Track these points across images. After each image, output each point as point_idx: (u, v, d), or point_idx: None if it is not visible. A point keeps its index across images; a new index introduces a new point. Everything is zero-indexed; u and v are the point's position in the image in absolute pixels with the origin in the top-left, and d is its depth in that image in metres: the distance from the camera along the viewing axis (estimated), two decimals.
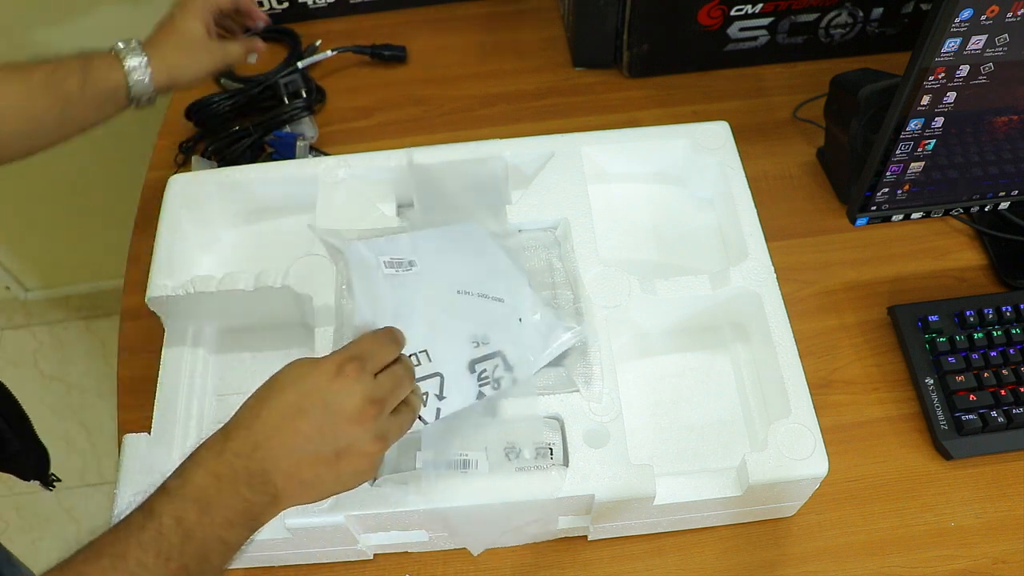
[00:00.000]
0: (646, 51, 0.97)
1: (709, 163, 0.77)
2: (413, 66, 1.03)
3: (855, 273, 0.83)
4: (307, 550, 0.66)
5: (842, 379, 0.76)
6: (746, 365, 0.72)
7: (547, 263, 0.73)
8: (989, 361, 0.74)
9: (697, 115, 0.96)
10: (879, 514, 0.69)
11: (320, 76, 1.01)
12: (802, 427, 0.62)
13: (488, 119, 0.97)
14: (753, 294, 0.69)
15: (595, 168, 0.79)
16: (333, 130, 0.97)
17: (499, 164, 0.76)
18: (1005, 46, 0.62)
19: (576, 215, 0.73)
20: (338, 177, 0.76)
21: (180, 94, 1.01)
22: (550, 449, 0.62)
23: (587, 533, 0.67)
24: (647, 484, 0.60)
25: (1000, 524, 0.69)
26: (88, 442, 1.52)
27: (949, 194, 0.75)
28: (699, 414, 0.70)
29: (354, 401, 0.49)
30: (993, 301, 0.77)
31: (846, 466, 0.71)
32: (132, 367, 0.79)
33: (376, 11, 1.08)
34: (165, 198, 0.77)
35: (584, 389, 0.64)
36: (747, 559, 0.67)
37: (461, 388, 0.60)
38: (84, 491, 1.48)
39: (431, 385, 0.59)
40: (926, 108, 0.66)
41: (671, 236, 0.79)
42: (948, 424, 0.72)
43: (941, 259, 0.84)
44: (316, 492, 0.50)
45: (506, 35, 1.06)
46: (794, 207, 0.88)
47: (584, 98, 0.99)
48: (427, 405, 0.58)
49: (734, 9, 0.92)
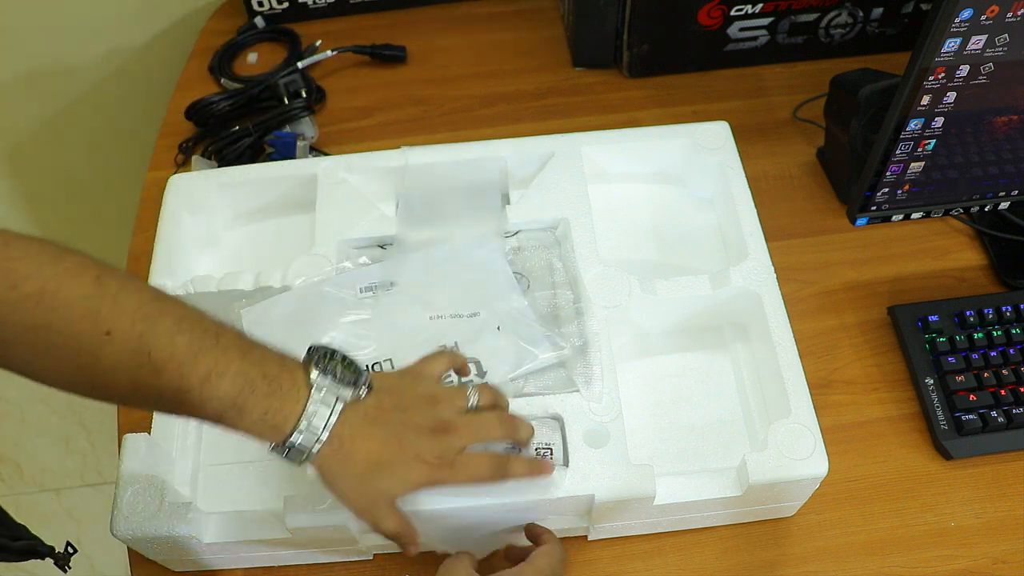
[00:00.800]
0: (646, 51, 0.97)
1: (709, 163, 0.77)
2: (413, 66, 1.03)
3: (855, 273, 0.83)
4: (307, 550, 0.66)
5: (842, 379, 0.76)
6: (746, 365, 0.72)
7: (547, 263, 0.73)
8: (989, 361, 0.74)
9: (697, 115, 0.96)
10: (879, 514, 0.69)
11: (320, 76, 1.01)
12: (802, 427, 0.62)
13: (488, 119, 0.97)
14: (753, 294, 0.69)
15: (595, 168, 0.79)
16: (333, 130, 0.97)
17: (495, 164, 0.76)
18: (1005, 46, 0.62)
19: (576, 215, 0.73)
20: (338, 177, 0.76)
21: (180, 94, 1.01)
22: (550, 449, 0.62)
23: (587, 533, 0.67)
24: (647, 484, 0.60)
25: (1000, 524, 0.69)
26: (88, 442, 1.52)
27: (949, 194, 0.75)
28: (699, 414, 0.70)
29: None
30: (993, 301, 0.77)
31: (846, 466, 0.71)
32: None
33: (376, 11, 1.08)
34: (165, 198, 0.77)
35: (584, 389, 0.64)
36: (747, 559, 0.67)
37: None
38: (84, 491, 1.47)
39: None
40: (926, 108, 0.66)
41: (671, 236, 0.79)
42: (948, 424, 0.72)
43: (941, 259, 0.84)
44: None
45: (506, 35, 1.06)
46: (794, 207, 0.88)
47: (584, 98, 0.99)
48: None
49: (734, 9, 0.92)
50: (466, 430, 0.55)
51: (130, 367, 0.45)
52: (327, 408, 0.50)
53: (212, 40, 1.06)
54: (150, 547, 0.62)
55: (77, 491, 1.48)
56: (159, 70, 1.16)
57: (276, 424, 0.49)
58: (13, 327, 0.43)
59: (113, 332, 0.44)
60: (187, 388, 0.46)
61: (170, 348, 0.45)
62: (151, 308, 0.46)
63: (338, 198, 0.75)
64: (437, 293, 0.70)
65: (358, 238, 0.74)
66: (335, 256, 0.72)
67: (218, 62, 1.03)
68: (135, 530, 0.60)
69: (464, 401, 0.57)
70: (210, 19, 1.10)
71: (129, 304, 0.45)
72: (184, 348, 0.46)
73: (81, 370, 0.45)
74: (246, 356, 0.48)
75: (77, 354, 0.44)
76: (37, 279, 0.43)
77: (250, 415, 0.48)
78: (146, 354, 0.45)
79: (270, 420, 0.49)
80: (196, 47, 1.07)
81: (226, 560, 0.66)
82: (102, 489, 1.47)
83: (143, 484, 0.61)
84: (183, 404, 0.47)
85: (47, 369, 0.45)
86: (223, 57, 1.03)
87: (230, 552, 0.64)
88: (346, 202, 0.75)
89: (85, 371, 0.45)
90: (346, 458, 0.51)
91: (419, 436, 0.53)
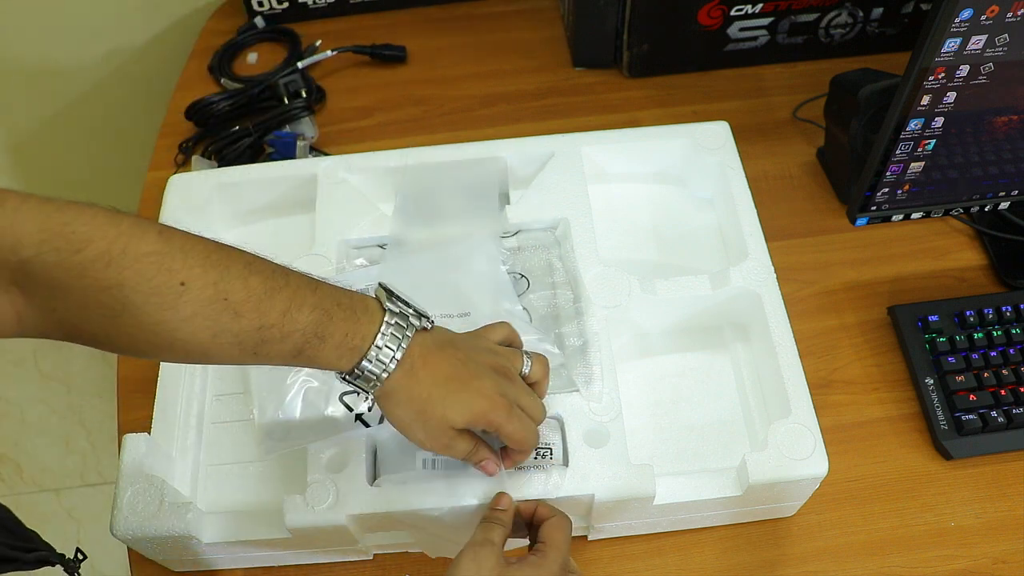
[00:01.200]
0: (646, 51, 0.97)
1: (709, 163, 0.77)
2: (413, 66, 1.03)
3: (855, 273, 0.83)
4: (307, 550, 0.66)
5: (842, 379, 0.76)
6: (746, 365, 0.72)
7: (547, 263, 0.73)
8: (989, 361, 0.74)
9: (697, 115, 0.96)
10: (879, 514, 0.69)
11: (320, 76, 1.02)
12: (802, 427, 0.62)
13: (488, 119, 0.97)
14: (753, 294, 0.69)
15: (595, 168, 0.79)
16: (333, 130, 0.97)
17: (494, 165, 0.76)
18: (1005, 46, 0.62)
19: (576, 215, 0.73)
20: (338, 177, 0.76)
21: (180, 94, 1.01)
22: (550, 449, 0.62)
23: (587, 533, 0.67)
24: (647, 484, 0.60)
25: (1000, 524, 0.69)
26: (88, 442, 1.52)
27: (949, 194, 0.75)
28: (699, 414, 0.70)
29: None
30: (993, 301, 0.77)
31: (846, 466, 0.71)
32: (132, 367, 0.79)
33: (376, 11, 1.08)
34: (165, 198, 0.77)
35: (584, 389, 0.64)
36: (747, 559, 0.67)
37: None
38: (84, 491, 1.47)
39: None
40: (926, 108, 0.66)
41: (671, 236, 0.79)
42: (948, 424, 0.72)
43: (941, 259, 0.84)
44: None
45: (506, 35, 1.06)
46: (794, 207, 0.88)
47: (584, 98, 0.99)
48: (373, 409, 0.63)
49: (734, 9, 0.92)
50: (522, 387, 0.58)
51: (209, 313, 0.46)
52: (401, 330, 0.52)
53: (212, 40, 1.06)
54: (150, 547, 0.62)
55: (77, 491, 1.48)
56: (159, 70, 1.17)
57: (356, 346, 0.51)
58: (85, 291, 0.44)
59: (188, 282, 0.45)
60: (269, 325, 0.48)
61: (245, 290, 0.47)
62: (219, 256, 0.47)
63: (338, 198, 0.75)
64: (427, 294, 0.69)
65: (358, 238, 0.74)
66: (335, 256, 0.72)
67: (218, 62, 1.03)
68: (135, 530, 0.60)
69: (521, 363, 0.59)
70: (210, 19, 1.10)
71: (197, 254, 0.46)
72: (259, 288, 0.48)
73: (159, 325, 0.45)
74: (317, 290, 0.51)
75: (157, 309, 0.45)
76: (102, 240, 0.43)
77: (331, 340, 0.50)
78: (223, 299, 0.46)
79: (349, 343, 0.51)
80: (196, 47, 1.07)
81: (226, 560, 0.66)
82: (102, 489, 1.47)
83: (143, 484, 0.61)
84: (264, 343, 0.49)
85: (124, 331, 0.46)
86: (223, 57, 1.03)
87: (230, 552, 0.64)
88: (346, 202, 0.75)
89: (163, 326, 0.46)
90: (416, 380, 0.53)
91: (485, 370, 0.55)
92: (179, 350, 0.48)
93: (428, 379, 0.53)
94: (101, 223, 0.44)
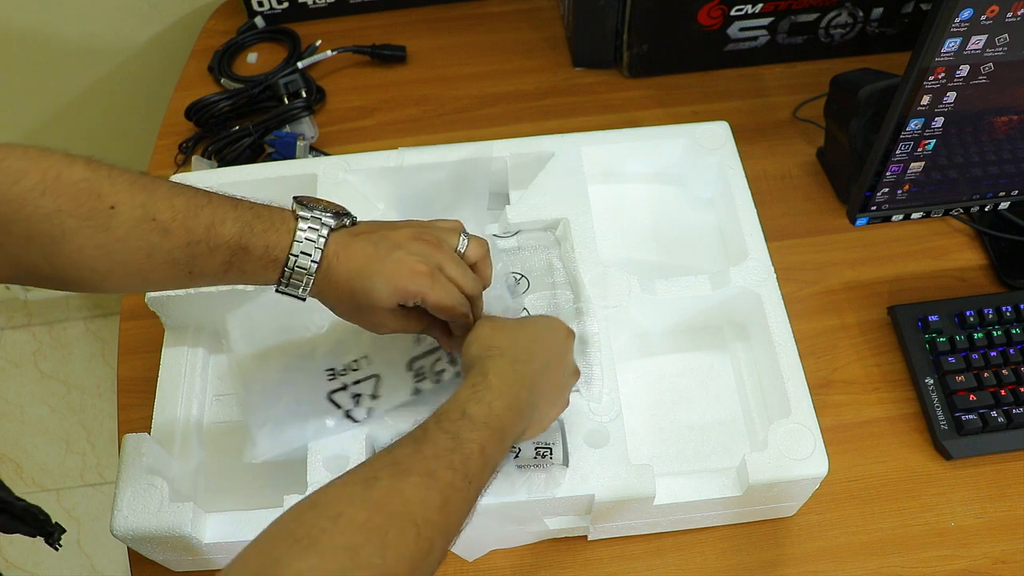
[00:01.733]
0: (646, 51, 0.97)
1: (709, 163, 0.77)
2: (413, 66, 1.03)
3: (855, 273, 0.83)
4: None
5: (842, 379, 0.76)
6: (746, 365, 0.72)
7: (547, 263, 0.73)
8: (989, 361, 0.74)
9: (697, 115, 0.96)
10: (879, 514, 0.69)
11: (320, 76, 1.01)
12: (802, 427, 0.62)
13: (488, 119, 0.97)
14: (753, 294, 0.69)
15: (595, 168, 0.79)
16: (333, 130, 0.97)
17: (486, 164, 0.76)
18: (1005, 46, 0.62)
19: (576, 215, 0.73)
20: (338, 177, 0.76)
21: (180, 94, 1.01)
22: (550, 449, 0.62)
23: (587, 533, 0.67)
24: (647, 484, 0.60)
25: (1000, 524, 0.69)
26: (88, 442, 1.52)
27: (949, 194, 0.75)
28: (699, 414, 0.70)
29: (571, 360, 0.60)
30: (993, 301, 0.77)
31: (846, 466, 0.71)
32: (132, 367, 0.79)
33: (376, 11, 1.08)
34: None
35: (584, 389, 0.64)
36: (747, 559, 0.67)
37: (396, 387, 0.64)
38: (84, 491, 1.47)
39: (367, 387, 0.64)
40: (926, 108, 0.66)
41: (671, 236, 0.79)
42: (948, 424, 0.72)
43: (941, 259, 0.84)
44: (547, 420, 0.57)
45: (506, 35, 1.06)
46: (794, 207, 0.88)
47: (584, 98, 0.99)
48: (360, 405, 0.64)
49: (734, 9, 0.92)
50: (449, 256, 0.57)
51: (140, 233, 0.50)
52: (315, 231, 0.54)
53: (212, 40, 1.06)
54: (150, 547, 0.62)
55: (77, 491, 1.48)
56: (159, 70, 1.17)
57: (276, 256, 0.53)
58: (28, 221, 0.47)
59: (117, 205, 0.49)
60: (196, 240, 0.51)
61: (171, 210, 0.50)
62: (144, 181, 0.51)
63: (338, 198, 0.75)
64: None
65: None
66: None
67: (218, 62, 1.03)
68: (135, 530, 0.60)
69: (456, 240, 0.58)
70: (210, 19, 1.10)
71: (123, 179, 0.50)
72: (183, 207, 0.51)
73: (97, 248, 0.49)
74: (238, 206, 0.53)
75: (93, 232, 0.48)
76: (36, 171, 0.47)
77: (255, 252, 0.52)
78: (151, 219, 0.50)
79: (271, 254, 0.53)
80: (196, 47, 1.07)
81: (226, 560, 0.66)
82: (102, 489, 1.47)
83: (143, 484, 0.61)
84: (195, 258, 0.51)
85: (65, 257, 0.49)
86: (223, 57, 1.03)
87: (230, 552, 0.64)
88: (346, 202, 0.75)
89: (101, 249, 0.49)
90: (337, 274, 0.54)
91: (404, 243, 0.55)
92: (119, 273, 0.51)
93: (346, 269, 0.54)
94: (34, 156, 0.48)
